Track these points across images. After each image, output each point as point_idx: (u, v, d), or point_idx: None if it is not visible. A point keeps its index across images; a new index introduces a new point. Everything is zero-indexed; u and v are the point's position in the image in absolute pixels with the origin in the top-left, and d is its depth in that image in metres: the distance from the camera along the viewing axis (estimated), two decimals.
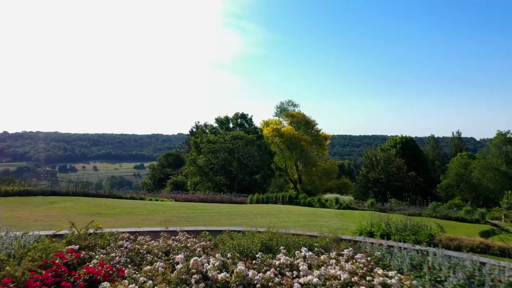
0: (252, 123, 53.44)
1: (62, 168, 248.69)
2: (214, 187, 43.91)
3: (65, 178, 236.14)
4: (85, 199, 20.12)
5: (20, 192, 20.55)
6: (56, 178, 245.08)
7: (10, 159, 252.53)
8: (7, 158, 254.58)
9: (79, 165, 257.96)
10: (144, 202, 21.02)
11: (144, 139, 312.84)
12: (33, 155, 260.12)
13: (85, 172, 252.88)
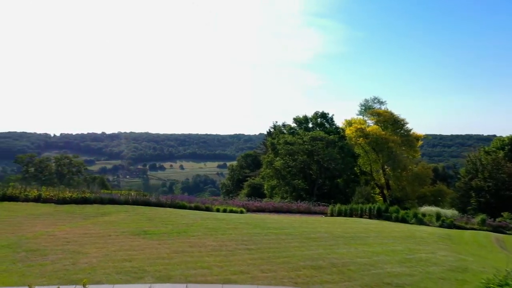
0: (333, 123, 49.11)
1: (152, 166, 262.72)
2: (292, 192, 40.62)
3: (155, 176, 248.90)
4: (142, 210, 17.98)
5: (77, 199, 19.04)
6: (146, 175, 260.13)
7: (107, 158, 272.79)
8: (104, 156, 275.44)
9: (167, 163, 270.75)
10: (207, 215, 18.38)
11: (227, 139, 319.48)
12: (127, 154, 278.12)
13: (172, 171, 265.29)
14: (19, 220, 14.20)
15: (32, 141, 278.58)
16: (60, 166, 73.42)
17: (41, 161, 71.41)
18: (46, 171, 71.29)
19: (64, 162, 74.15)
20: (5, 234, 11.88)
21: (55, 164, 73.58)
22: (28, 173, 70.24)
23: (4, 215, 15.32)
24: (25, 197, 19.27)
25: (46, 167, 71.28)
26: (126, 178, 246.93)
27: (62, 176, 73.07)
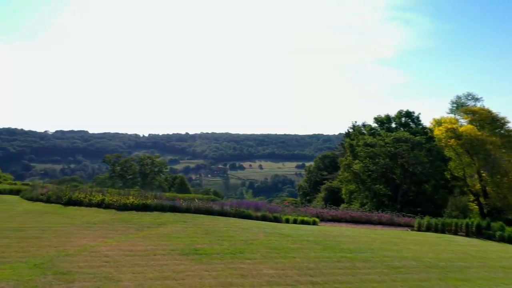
0: (420, 122, 44.31)
1: (232, 166, 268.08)
2: (373, 198, 37.17)
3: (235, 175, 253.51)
4: (202, 220, 16.47)
5: (138, 206, 18.11)
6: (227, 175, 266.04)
7: (190, 157, 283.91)
8: (188, 156, 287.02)
9: (246, 163, 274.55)
10: (272, 228, 16.35)
11: (306, 139, 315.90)
12: (208, 154, 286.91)
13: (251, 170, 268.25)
14: (71, 230, 13.36)
15: (124, 141, 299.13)
16: (143, 166, 76.40)
17: (126, 161, 74.76)
18: (130, 170, 74.52)
19: (147, 162, 77.03)
20: (47, 248, 10.92)
21: (138, 164, 76.76)
22: (115, 172, 73.97)
23: (61, 222, 14.69)
24: (89, 202, 18.83)
25: (130, 167, 74.52)
26: (208, 177, 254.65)
27: (145, 175, 75.95)
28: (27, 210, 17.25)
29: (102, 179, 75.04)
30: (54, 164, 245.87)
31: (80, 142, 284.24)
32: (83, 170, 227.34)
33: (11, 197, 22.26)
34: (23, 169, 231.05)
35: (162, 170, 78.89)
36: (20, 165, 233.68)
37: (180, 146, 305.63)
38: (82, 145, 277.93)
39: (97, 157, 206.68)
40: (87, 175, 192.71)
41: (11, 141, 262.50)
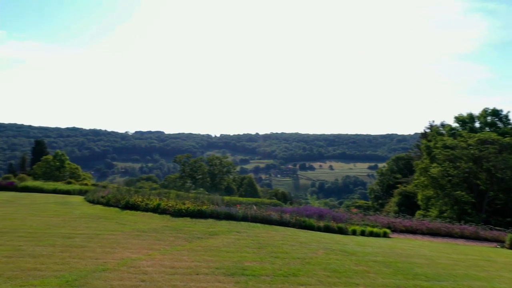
0: (509, 122, 39.46)
1: (302, 166, 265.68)
2: (453, 205, 33.57)
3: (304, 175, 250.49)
4: (257, 231, 15.14)
5: (193, 212, 17.27)
6: (296, 175, 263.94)
7: (260, 157, 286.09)
8: (258, 156, 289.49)
9: (316, 163, 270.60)
10: (335, 242, 14.58)
11: (378, 139, 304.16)
12: (278, 154, 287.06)
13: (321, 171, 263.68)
14: (118, 239, 12.72)
15: (197, 141, 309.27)
16: (212, 166, 77.32)
17: (195, 161, 76.08)
18: (200, 171, 75.71)
19: (215, 163, 77.84)
20: (86, 260, 10.24)
21: (207, 165, 77.80)
22: (185, 172, 75.64)
23: (111, 229, 14.18)
24: (145, 206, 18.37)
25: (199, 167, 75.72)
26: (278, 177, 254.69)
27: (214, 176, 76.87)
28: (83, 214, 17.12)
29: (173, 179, 77.12)
30: (133, 163, 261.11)
31: (156, 142, 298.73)
32: (159, 169, 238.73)
33: (76, 199, 22.67)
34: (106, 167, 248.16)
35: (230, 170, 79.28)
36: (103, 163, 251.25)
37: (250, 146, 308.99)
38: (159, 145, 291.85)
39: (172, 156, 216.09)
40: (163, 173, 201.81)
41: (96, 141, 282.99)
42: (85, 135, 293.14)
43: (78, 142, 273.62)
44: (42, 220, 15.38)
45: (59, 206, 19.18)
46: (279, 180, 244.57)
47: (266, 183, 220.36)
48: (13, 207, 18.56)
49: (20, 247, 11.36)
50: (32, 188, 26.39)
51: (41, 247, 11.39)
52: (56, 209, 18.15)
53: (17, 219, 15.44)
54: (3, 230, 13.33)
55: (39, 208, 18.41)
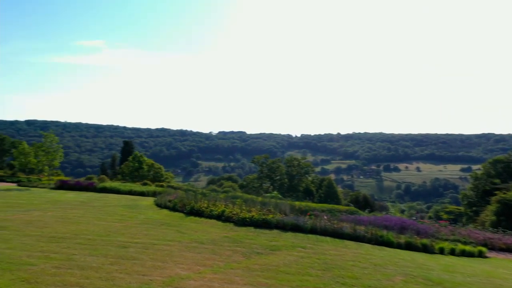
0: None
1: (386, 167, 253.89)
2: None
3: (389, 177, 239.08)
4: (325, 248, 13.45)
5: (257, 221, 16.06)
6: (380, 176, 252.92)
7: (342, 157, 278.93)
8: (339, 156, 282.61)
9: (402, 165, 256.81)
10: (417, 265, 12.35)
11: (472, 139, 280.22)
12: (361, 154, 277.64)
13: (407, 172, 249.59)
14: (173, 251, 11.91)
15: (277, 141, 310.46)
16: (290, 168, 76.04)
17: (273, 162, 75.37)
18: (278, 172, 74.87)
19: (294, 164, 76.44)
20: (133, 276, 9.46)
21: (285, 166, 76.69)
22: (263, 173, 75.32)
23: (169, 239, 13.47)
24: (209, 213, 17.58)
25: (277, 168, 74.89)
26: (360, 178, 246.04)
27: (292, 177, 75.52)
28: (147, 220, 16.76)
29: (251, 179, 77.22)
30: (216, 162, 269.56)
31: (239, 142, 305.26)
32: (241, 168, 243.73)
33: (147, 202, 22.71)
34: (192, 166, 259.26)
35: (309, 172, 77.34)
36: (189, 162, 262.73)
37: (332, 146, 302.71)
38: (241, 145, 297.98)
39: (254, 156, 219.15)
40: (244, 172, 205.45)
41: (182, 141, 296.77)
42: (173, 135, 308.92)
43: (166, 142, 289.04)
44: (105, 225, 15.20)
45: (127, 210, 19.17)
46: (361, 182, 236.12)
47: (348, 184, 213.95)
48: (83, 209, 18.89)
49: (73, 256, 10.99)
50: (110, 189, 27.24)
51: (93, 257, 10.92)
52: (122, 214, 18.08)
53: (82, 223, 15.45)
54: (65, 236, 13.23)
55: (107, 212, 18.51)
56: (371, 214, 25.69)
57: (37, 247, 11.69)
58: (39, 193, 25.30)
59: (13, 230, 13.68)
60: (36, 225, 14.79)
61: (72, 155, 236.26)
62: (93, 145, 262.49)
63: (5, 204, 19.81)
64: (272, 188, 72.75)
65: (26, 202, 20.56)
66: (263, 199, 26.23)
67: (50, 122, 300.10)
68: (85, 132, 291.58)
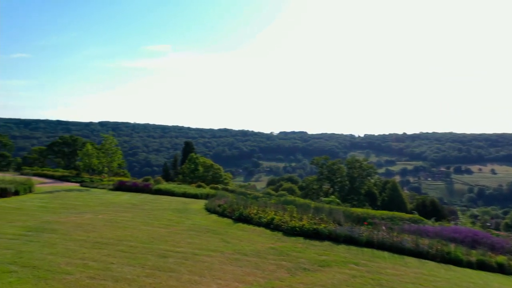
0: None
1: (457, 169, 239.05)
2: None
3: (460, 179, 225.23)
4: (381, 264, 12.03)
5: (307, 231, 14.93)
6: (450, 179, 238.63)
7: (408, 158, 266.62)
8: (405, 157, 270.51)
9: (474, 166, 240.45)
10: None
11: None
12: (429, 155, 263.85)
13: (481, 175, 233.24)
14: (213, 263, 11.19)
15: (339, 141, 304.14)
16: (351, 169, 73.34)
17: (333, 164, 73.17)
18: (338, 173, 72.54)
19: (355, 165, 73.66)
20: None
21: (346, 167, 74.10)
22: (322, 175, 73.34)
23: (212, 248, 12.77)
24: (258, 220, 16.73)
25: (338, 170, 72.59)
26: (428, 180, 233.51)
27: (353, 179, 72.76)
28: (193, 226, 16.25)
29: (310, 181, 75.48)
30: (277, 162, 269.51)
31: (300, 142, 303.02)
32: (302, 168, 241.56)
33: (197, 205, 22.33)
34: (253, 166, 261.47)
35: (371, 174, 74.10)
36: (250, 162, 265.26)
37: (397, 147, 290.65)
38: (302, 145, 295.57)
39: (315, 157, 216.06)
40: (305, 173, 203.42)
41: (244, 141, 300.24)
42: (234, 136, 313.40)
43: (228, 142, 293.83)
44: (150, 231, 14.87)
45: (175, 215, 18.85)
46: (429, 184, 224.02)
47: (414, 186, 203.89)
48: (133, 213, 18.85)
49: (111, 265, 10.62)
50: (164, 191, 27.38)
51: (130, 267, 10.48)
52: (170, 218, 17.76)
53: (128, 228, 15.26)
54: (109, 241, 13.01)
55: (155, 216, 18.30)
56: (438, 223, 23.42)
57: (79, 254, 11.50)
58: (96, 194, 25.99)
59: (61, 234, 13.73)
60: (85, 228, 14.79)
61: (141, 154, 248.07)
62: (160, 145, 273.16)
63: (62, 205, 20.38)
64: (332, 191, 70.65)
65: (82, 204, 21.02)
66: (319, 204, 24.92)
67: (121, 123, 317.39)
68: (152, 133, 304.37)
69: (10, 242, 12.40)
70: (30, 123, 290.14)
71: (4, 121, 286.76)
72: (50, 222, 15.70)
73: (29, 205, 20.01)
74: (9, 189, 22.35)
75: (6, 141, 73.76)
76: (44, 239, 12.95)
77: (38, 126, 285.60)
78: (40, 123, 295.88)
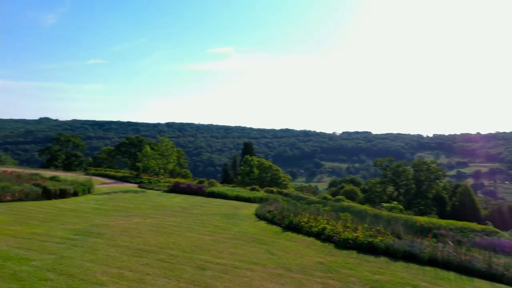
0: None
1: None
2: None
3: None
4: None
5: (362, 245, 13.57)
6: None
7: (482, 160, 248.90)
8: (479, 159, 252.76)
9: None
10: None
11: None
12: (506, 157, 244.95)
13: None
14: (253, 278, 10.32)
15: (406, 142, 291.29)
16: (418, 172, 69.24)
17: (398, 166, 69.58)
18: (403, 176, 68.84)
19: (422, 168, 69.46)
20: None
21: (412, 170, 70.09)
22: (386, 177, 69.96)
23: (254, 261, 11.91)
24: (308, 229, 15.63)
25: (403, 172, 68.89)
26: (505, 184, 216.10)
27: (420, 182, 68.63)
28: (239, 234, 15.48)
29: (373, 183, 72.30)
30: (340, 163, 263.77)
31: (363, 142, 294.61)
32: (366, 170, 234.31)
33: (247, 211, 21.51)
34: (315, 167, 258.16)
35: (439, 177, 69.40)
36: (312, 163, 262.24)
37: (470, 148, 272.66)
38: (366, 146, 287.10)
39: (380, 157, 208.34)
40: (369, 174, 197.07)
41: (306, 141, 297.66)
42: (296, 136, 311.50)
43: (290, 143, 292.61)
44: (194, 238, 14.33)
45: (223, 220, 18.23)
46: (506, 188, 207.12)
47: (489, 190, 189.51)
48: (181, 217, 18.51)
49: (147, 276, 10.14)
50: (217, 194, 26.99)
51: (165, 280, 9.92)
52: (217, 224, 17.16)
53: (173, 234, 14.84)
54: (151, 249, 12.62)
55: (203, 221, 17.79)
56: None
57: (118, 262, 11.16)
58: (150, 196, 26.20)
59: (106, 239, 13.59)
60: (130, 233, 14.60)
61: (204, 154, 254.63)
62: (222, 145, 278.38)
63: (114, 207, 20.60)
64: (397, 194, 67.15)
65: (133, 207, 21.12)
66: (378, 211, 23.17)
67: (186, 124, 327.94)
68: (215, 133, 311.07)
69: (55, 246, 12.41)
70: (103, 124, 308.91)
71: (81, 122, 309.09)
72: (98, 226, 15.73)
73: (84, 206, 20.44)
74: (68, 190, 23.12)
75: (78, 142, 78.40)
76: (88, 244, 12.85)
77: (110, 127, 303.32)
78: (112, 124, 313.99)
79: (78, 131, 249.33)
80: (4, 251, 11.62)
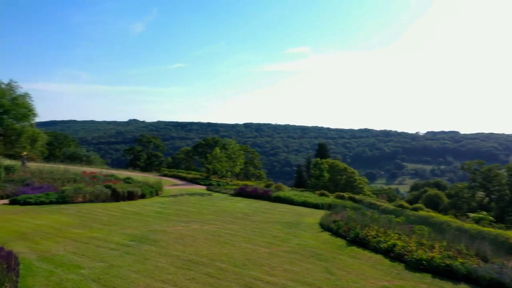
0: None
1: None
2: None
3: None
4: None
5: (437, 268, 11.64)
6: None
7: None
8: None
9: None
10: None
11: None
12: None
13: None
14: None
15: (499, 142, 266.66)
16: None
17: (489, 170, 63.14)
18: (496, 181, 62.27)
19: None
20: None
21: (507, 174, 63.13)
22: (475, 182, 63.83)
23: (308, 281, 10.67)
24: (376, 244, 13.95)
25: (495, 177, 62.34)
26: None
27: None
28: (297, 247, 14.23)
29: (460, 188, 66.31)
30: (424, 165, 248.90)
31: (450, 143, 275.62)
32: (453, 172, 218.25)
33: (312, 219, 20.02)
34: (396, 168, 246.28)
35: None
36: (393, 164, 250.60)
37: None
38: (453, 146, 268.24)
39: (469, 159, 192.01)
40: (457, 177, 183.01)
41: (386, 142, 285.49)
42: (376, 136, 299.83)
43: (369, 143, 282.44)
44: (249, 250, 13.41)
45: (283, 230, 17.07)
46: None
47: None
48: (241, 225, 17.69)
49: None
50: (283, 199, 25.78)
51: None
52: (276, 234, 16.05)
53: (228, 244, 14.08)
54: (201, 260, 11.96)
55: (262, 230, 16.80)
56: None
57: (164, 274, 10.62)
58: (215, 200, 25.80)
59: (160, 247, 13.22)
60: (184, 242, 14.10)
61: (281, 154, 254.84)
62: (299, 146, 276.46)
63: (176, 211, 20.44)
64: (488, 201, 60.94)
65: (195, 211, 20.78)
66: (461, 223, 20.51)
67: (263, 124, 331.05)
68: (292, 133, 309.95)
69: (109, 253, 12.25)
70: (185, 125, 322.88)
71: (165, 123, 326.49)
72: (156, 232, 15.49)
73: (148, 209, 20.54)
74: (136, 192, 23.54)
75: (159, 142, 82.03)
76: (141, 251, 12.55)
77: (192, 128, 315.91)
78: (193, 125, 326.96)
79: (162, 132, 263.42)
80: (59, 256, 11.66)
